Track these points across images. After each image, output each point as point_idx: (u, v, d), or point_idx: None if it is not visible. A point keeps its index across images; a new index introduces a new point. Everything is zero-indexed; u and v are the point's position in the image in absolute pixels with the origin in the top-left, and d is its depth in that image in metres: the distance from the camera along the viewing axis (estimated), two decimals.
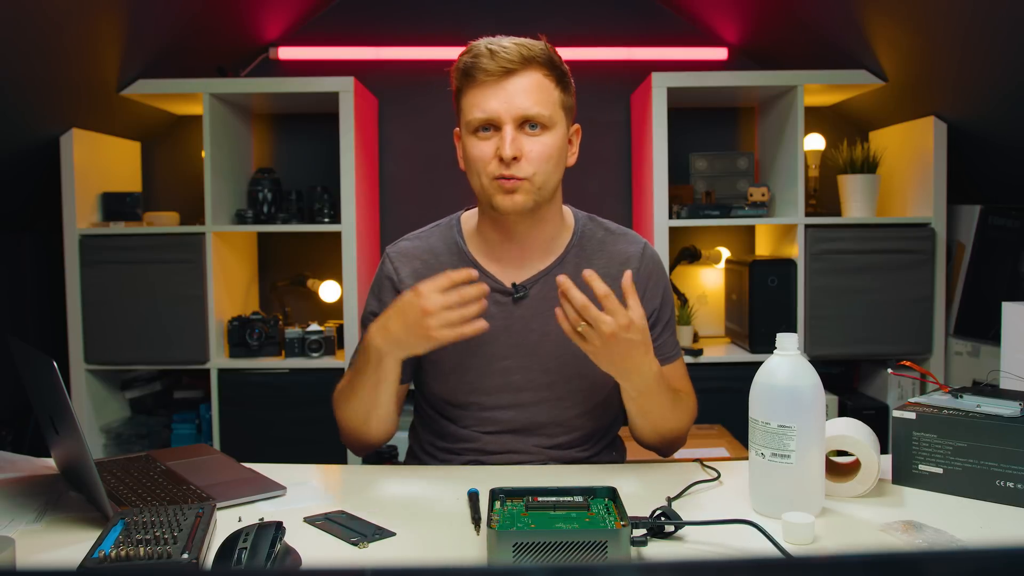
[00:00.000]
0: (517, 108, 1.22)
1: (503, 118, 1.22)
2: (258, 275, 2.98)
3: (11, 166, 2.43)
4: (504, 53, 1.22)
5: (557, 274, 1.31)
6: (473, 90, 1.24)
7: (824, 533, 1.01)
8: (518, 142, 1.22)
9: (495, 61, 1.21)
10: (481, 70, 1.22)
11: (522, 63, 1.22)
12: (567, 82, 1.29)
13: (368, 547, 1.00)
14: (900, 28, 2.24)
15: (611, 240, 1.38)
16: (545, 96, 1.24)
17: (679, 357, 1.41)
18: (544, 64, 1.24)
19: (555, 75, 1.26)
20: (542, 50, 1.25)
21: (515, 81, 1.22)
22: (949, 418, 1.14)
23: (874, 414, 2.55)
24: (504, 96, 1.22)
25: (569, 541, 0.90)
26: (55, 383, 1.02)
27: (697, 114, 2.94)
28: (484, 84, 1.23)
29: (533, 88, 1.23)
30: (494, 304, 1.32)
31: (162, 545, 0.91)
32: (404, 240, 1.42)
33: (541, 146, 1.24)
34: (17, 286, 2.64)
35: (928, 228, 2.51)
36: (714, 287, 2.98)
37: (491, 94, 1.22)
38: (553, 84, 1.26)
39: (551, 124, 1.25)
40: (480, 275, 1.32)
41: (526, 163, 1.23)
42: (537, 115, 1.23)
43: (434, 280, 1.16)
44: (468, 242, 1.37)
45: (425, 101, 2.96)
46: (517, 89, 1.22)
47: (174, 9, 2.34)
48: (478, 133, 1.25)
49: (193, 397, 2.81)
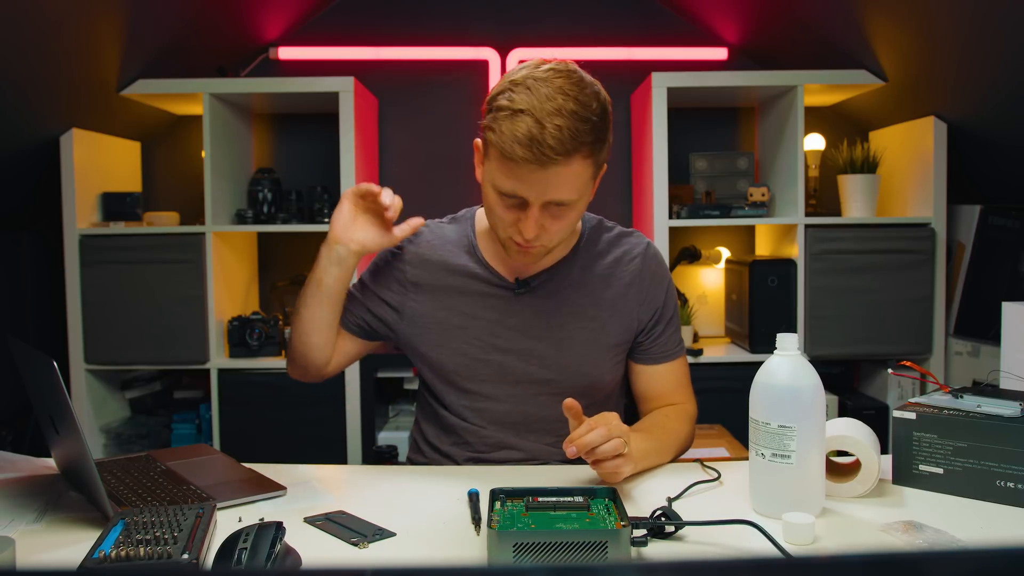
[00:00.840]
0: (549, 197, 1.16)
1: (532, 201, 1.17)
2: (258, 275, 2.98)
3: (11, 166, 2.43)
4: (547, 144, 1.10)
5: (564, 272, 1.34)
6: (507, 165, 1.15)
7: (824, 533, 1.01)
8: (541, 221, 1.19)
9: (534, 154, 1.11)
10: (518, 156, 1.12)
11: (564, 153, 1.11)
12: (605, 142, 1.18)
13: (368, 547, 1.00)
14: (900, 28, 2.24)
15: (617, 241, 1.39)
16: (581, 182, 1.17)
17: (681, 356, 1.41)
18: (589, 145, 1.14)
19: (596, 149, 1.16)
20: (592, 128, 1.13)
21: (554, 171, 1.13)
22: (949, 418, 1.14)
23: (874, 414, 2.55)
24: (538, 185, 1.14)
25: (569, 541, 0.90)
26: (55, 383, 1.02)
27: (697, 114, 2.94)
28: (521, 169, 1.13)
29: (571, 177, 1.15)
30: (496, 298, 1.34)
31: (162, 545, 0.91)
32: (425, 231, 1.43)
33: (565, 223, 1.21)
34: (17, 286, 2.64)
35: (928, 228, 2.51)
36: (714, 287, 2.98)
37: (524, 180, 1.14)
38: (591, 161, 1.16)
39: (579, 199, 1.19)
40: (483, 271, 1.34)
41: (547, 237, 1.22)
42: (567, 200, 1.17)
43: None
44: (479, 238, 1.38)
45: (425, 101, 2.96)
46: (554, 180, 1.14)
47: (174, 9, 2.34)
48: (503, 197, 1.19)
49: (193, 397, 2.81)
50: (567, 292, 1.34)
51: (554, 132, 1.10)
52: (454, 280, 1.36)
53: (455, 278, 1.36)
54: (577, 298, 1.34)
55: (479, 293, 1.35)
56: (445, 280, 1.36)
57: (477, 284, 1.35)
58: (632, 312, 1.35)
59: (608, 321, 1.34)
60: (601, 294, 1.34)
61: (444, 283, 1.36)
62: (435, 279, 1.37)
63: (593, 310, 1.34)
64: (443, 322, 1.35)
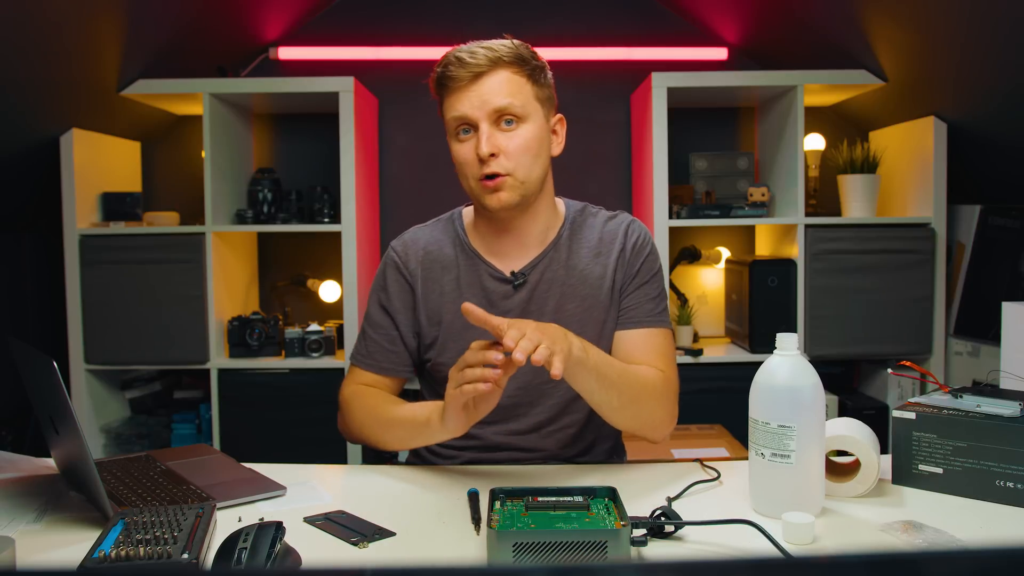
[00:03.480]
0: (488, 104, 1.26)
1: (476, 115, 1.26)
2: (258, 275, 2.98)
3: (11, 166, 2.43)
4: (471, 59, 1.27)
5: (552, 257, 1.38)
6: (448, 97, 1.30)
7: (824, 533, 1.01)
8: (494, 139, 1.26)
9: (464, 67, 1.26)
10: (452, 77, 1.27)
11: (489, 65, 1.27)
12: (541, 74, 1.32)
13: (368, 547, 1.00)
14: (900, 28, 2.24)
15: (601, 222, 1.42)
16: (515, 89, 1.28)
17: (660, 327, 1.36)
18: (512, 62, 1.28)
19: (526, 70, 1.29)
20: (509, 49, 1.29)
21: (484, 82, 1.27)
22: (949, 418, 1.14)
23: (874, 414, 2.55)
24: (475, 96, 1.27)
25: (569, 541, 0.90)
26: (55, 383, 1.02)
27: (697, 114, 2.94)
28: (457, 90, 1.28)
29: (502, 84, 1.27)
30: (497, 292, 1.37)
31: (162, 545, 0.91)
32: (407, 232, 1.45)
33: (518, 139, 1.28)
34: (17, 286, 2.64)
35: (928, 228, 2.51)
36: (714, 287, 2.98)
37: (463, 97, 1.27)
38: (524, 79, 1.29)
39: (525, 115, 1.28)
40: (482, 264, 1.37)
41: (504, 158, 1.27)
42: (507, 106, 1.26)
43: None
44: (469, 234, 1.41)
45: (425, 101, 2.90)
46: (486, 88, 1.27)
47: (174, 9, 2.34)
48: (459, 136, 1.30)
49: (193, 397, 2.81)
50: (559, 274, 1.37)
51: (474, 49, 1.28)
52: (450, 278, 1.38)
53: (451, 276, 1.38)
54: (568, 278, 1.37)
55: (478, 287, 1.37)
56: (442, 280, 1.38)
57: (474, 279, 1.37)
58: (617, 284, 1.38)
59: (599, 298, 1.36)
60: (591, 272, 1.37)
61: (441, 283, 1.38)
62: (434, 278, 1.39)
63: (584, 288, 1.36)
64: (450, 325, 1.36)
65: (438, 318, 1.37)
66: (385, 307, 1.41)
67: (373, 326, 1.41)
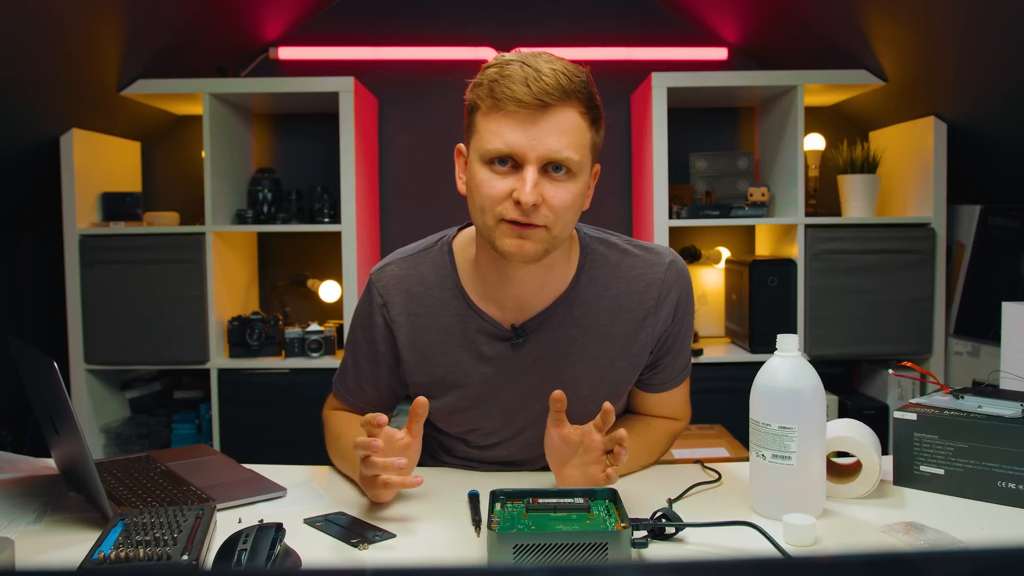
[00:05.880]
0: (547, 148, 1.05)
1: (528, 157, 1.05)
2: (258, 275, 2.98)
3: (11, 166, 2.43)
4: (542, 82, 1.04)
5: (563, 314, 1.20)
6: (497, 116, 1.06)
7: (825, 535, 1.01)
8: (540, 187, 1.06)
9: (531, 90, 1.03)
10: (512, 98, 1.04)
11: (560, 97, 1.05)
12: (600, 121, 1.13)
13: (368, 548, 1.00)
14: (900, 28, 2.24)
15: (627, 264, 1.23)
16: (578, 137, 1.07)
17: (683, 383, 1.31)
18: (584, 100, 1.08)
19: (591, 115, 1.10)
20: (583, 83, 1.08)
21: (550, 118, 1.05)
22: (950, 419, 1.14)
23: (874, 414, 2.54)
24: (535, 133, 1.05)
25: (570, 543, 0.90)
26: (55, 383, 1.02)
27: (697, 114, 2.94)
28: (512, 113, 1.05)
29: (568, 128, 1.06)
30: (492, 348, 1.21)
31: (162, 546, 0.91)
32: (391, 264, 1.27)
33: (566, 194, 1.07)
34: (17, 286, 2.64)
35: (928, 228, 2.51)
36: (714, 287, 2.98)
37: (518, 127, 1.05)
38: (587, 124, 1.09)
39: (579, 170, 1.08)
40: (476, 316, 1.21)
41: (547, 211, 1.07)
42: (567, 159, 1.06)
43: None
44: (462, 274, 1.23)
45: (425, 101, 2.96)
46: (550, 127, 1.05)
47: (174, 9, 2.34)
48: (493, 165, 1.08)
49: (193, 397, 2.81)
50: (570, 333, 1.21)
51: (549, 73, 1.05)
52: (438, 328, 1.23)
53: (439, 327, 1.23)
54: (582, 337, 1.21)
55: (469, 343, 1.22)
56: (428, 331, 1.23)
57: (464, 331, 1.21)
58: (645, 347, 1.23)
59: (617, 358, 1.22)
60: (611, 331, 1.21)
61: (428, 333, 1.23)
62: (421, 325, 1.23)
63: (599, 348, 1.21)
64: (440, 379, 1.24)
65: (428, 372, 1.24)
66: (371, 351, 1.28)
67: (356, 361, 1.30)
